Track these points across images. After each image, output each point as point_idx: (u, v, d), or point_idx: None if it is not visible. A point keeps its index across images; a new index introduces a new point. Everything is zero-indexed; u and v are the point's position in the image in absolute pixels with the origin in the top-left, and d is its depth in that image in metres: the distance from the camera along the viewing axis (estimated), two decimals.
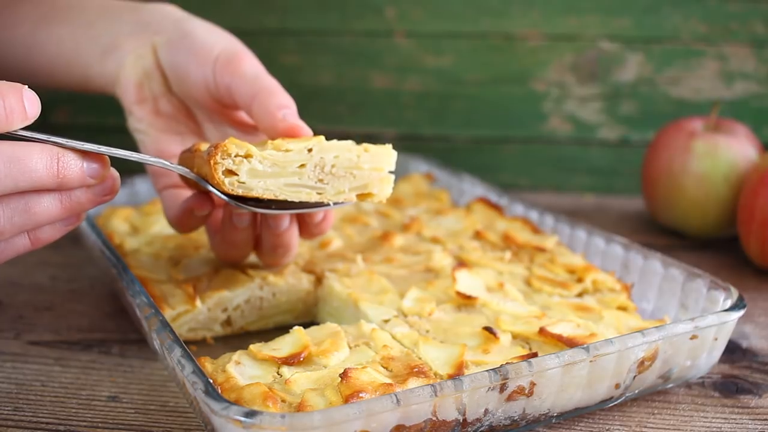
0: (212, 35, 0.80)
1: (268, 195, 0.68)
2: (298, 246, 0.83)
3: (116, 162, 0.67)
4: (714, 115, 1.12)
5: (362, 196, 0.71)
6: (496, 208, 1.04)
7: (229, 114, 0.83)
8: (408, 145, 1.35)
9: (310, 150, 0.69)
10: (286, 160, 0.68)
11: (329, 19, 1.32)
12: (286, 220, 0.78)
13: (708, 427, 0.71)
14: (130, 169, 1.19)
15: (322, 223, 0.81)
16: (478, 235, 0.96)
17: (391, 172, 0.72)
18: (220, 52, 0.78)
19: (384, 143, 0.72)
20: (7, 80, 0.58)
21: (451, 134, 1.37)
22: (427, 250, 0.92)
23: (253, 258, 0.88)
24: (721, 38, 1.28)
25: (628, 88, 1.32)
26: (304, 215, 0.79)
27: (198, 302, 0.81)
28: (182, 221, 0.80)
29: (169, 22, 0.82)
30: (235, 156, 0.67)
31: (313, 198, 0.70)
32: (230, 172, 0.67)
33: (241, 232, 0.79)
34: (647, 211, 1.20)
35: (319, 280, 0.86)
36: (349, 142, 0.70)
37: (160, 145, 0.82)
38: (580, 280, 0.85)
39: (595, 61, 1.31)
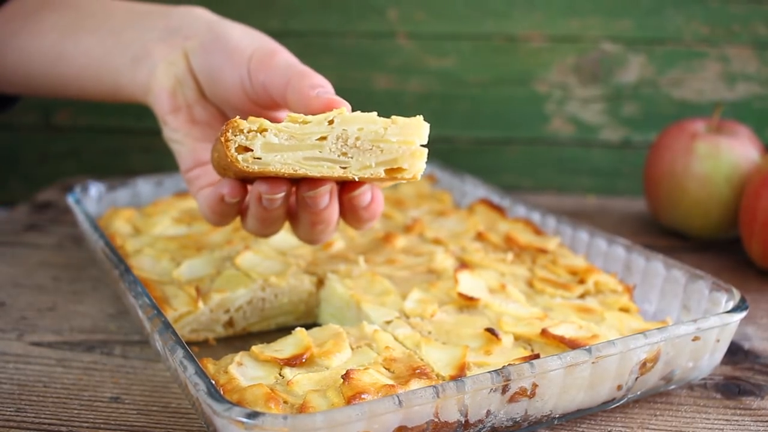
0: (246, 36, 0.78)
1: (286, 170, 0.64)
2: (338, 222, 0.77)
3: (116, 161, 0.66)
4: (716, 116, 1.12)
5: (392, 171, 0.66)
6: (498, 209, 1.04)
7: (267, 116, 0.80)
8: None
9: (330, 122, 0.64)
10: (304, 132, 0.64)
11: (331, 21, 1.32)
12: (324, 199, 0.73)
13: (710, 428, 0.71)
14: (132, 170, 1.19)
15: (372, 206, 0.75)
16: (480, 237, 0.96)
17: (423, 146, 0.66)
18: (254, 51, 0.76)
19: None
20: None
21: (453, 135, 1.37)
22: (429, 251, 0.92)
23: (253, 258, 0.88)
24: (723, 40, 1.28)
25: (630, 89, 1.32)
26: (351, 198, 0.74)
27: (200, 303, 0.81)
28: (214, 209, 0.75)
29: (200, 26, 0.79)
30: (248, 131, 0.63)
31: (336, 172, 0.65)
32: (245, 149, 0.64)
33: (273, 212, 0.74)
34: (649, 212, 1.20)
35: (321, 281, 0.86)
36: (374, 114, 0.65)
37: (197, 154, 0.79)
38: (582, 282, 0.85)
39: (598, 62, 1.31)
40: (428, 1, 1.31)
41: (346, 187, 0.73)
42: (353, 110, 0.68)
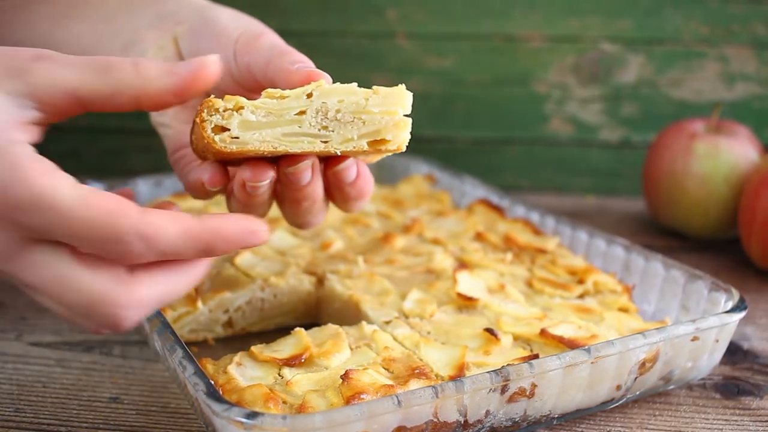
0: (234, 20, 0.76)
1: (266, 148, 0.62)
2: (326, 204, 0.75)
3: (115, 161, 0.66)
4: (715, 116, 1.12)
5: (375, 143, 0.64)
6: (497, 209, 1.04)
7: (252, 98, 0.79)
8: (409, 146, 1.35)
9: (309, 95, 0.62)
10: (282, 108, 0.62)
11: (331, 21, 1.32)
12: (306, 174, 0.70)
13: (709, 428, 0.71)
14: (131, 170, 1.20)
15: (358, 182, 0.73)
16: (479, 237, 0.96)
17: (407, 116, 0.64)
18: (240, 34, 0.74)
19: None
20: None
21: (452, 135, 1.37)
22: (428, 251, 0.92)
23: (252, 258, 0.88)
24: (722, 40, 1.28)
25: (629, 89, 1.32)
26: (335, 173, 0.71)
27: (199, 303, 0.81)
28: (197, 194, 0.74)
29: (191, 11, 0.78)
30: (224, 110, 0.61)
31: (318, 147, 0.63)
32: (221, 129, 0.61)
33: (257, 198, 0.73)
34: (648, 212, 1.20)
35: (320, 281, 0.86)
36: (355, 84, 0.64)
37: (184, 137, 0.77)
38: (581, 282, 0.85)
39: (597, 62, 1.31)
40: (427, 2, 1.31)
41: (329, 162, 0.72)
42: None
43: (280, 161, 0.71)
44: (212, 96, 0.62)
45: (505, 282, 0.84)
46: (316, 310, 0.87)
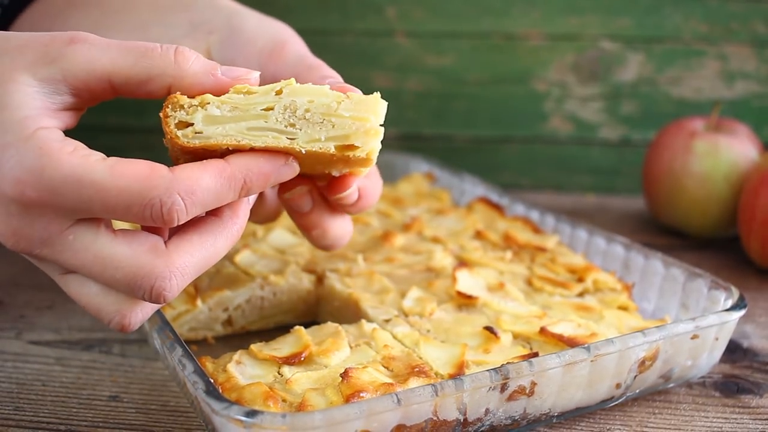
0: (259, 28, 0.76)
1: (228, 141, 0.60)
2: (343, 227, 0.75)
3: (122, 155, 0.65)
4: (715, 114, 1.12)
5: (343, 148, 0.62)
6: (496, 207, 1.04)
7: None
8: (409, 144, 1.36)
9: (278, 92, 0.61)
10: (248, 103, 0.61)
11: (330, 19, 1.32)
12: (305, 201, 0.72)
13: (709, 426, 0.71)
14: None
15: (359, 203, 0.73)
16: (478, 235, 0.96)
17: (381, 125, 0.63)
18: (264, 44, 0.74)
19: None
20: None
21: (451, 134, 1.37)
22: (427, 249, 0.92)
23: (252, 257, 0.88)
24: (722, 38, 1.28)
25: (628, 87, 1.32)
26: (337, 199, 0.71)
27: (199, 302, 0.81)
28: None
29: (220, 18, 0.78)
30: (189, 106, 0.60)
31: (282, 143, 0.61)
32: (186, 125, 0.60)
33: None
34: (648, 210, 1.20)
35: (320, 279, 0.86)
36: (326, 87, 0.62)
37: None
38: (580, 280, 0.85)
39: (596, 60, 1.31)
40: (427, 0, 1.31)
41: (331, 188, 0.72)
42: None
43: (279, 189, 0.71)
44: (178, 93, 0.61)
45: (505, 280, 0.84)
46: (316, 309, 0.87)
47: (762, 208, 0.98)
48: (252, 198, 0.64)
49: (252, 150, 0.60)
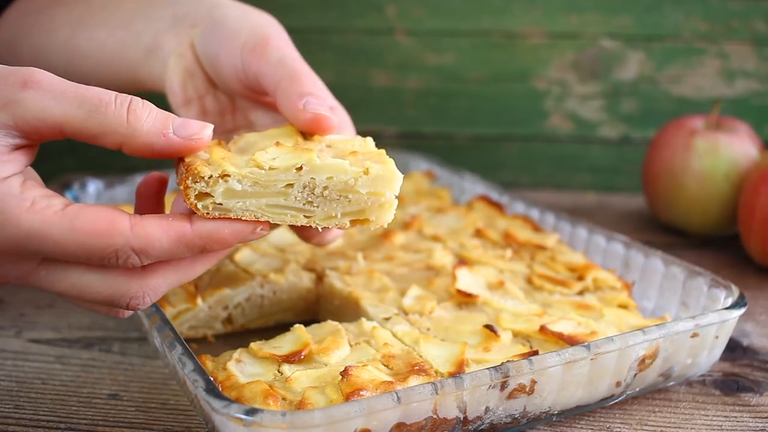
0: (241, 20, 0.76)
1: (247, 216, 0.61)
2: (339, 232, 0.77)
3: (115, 158, 0.65)
4: (715, 113, 1.12)
5: (356, 222, 0.63)
6: (496, 206, 1.04)
7: (270, 102, 0.79)
8: (409, 143, 1.35)
9: (299, 169, 0.61)
10: (269, 180, 0.61)
11: (330, 17, 1.32)
12: (312, 231, 0.72)
13: (709, 425, 0.71)
14: (130, 167, 1.19)
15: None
16: (478, 233, 0.96)
17: (395, 197, 0.64)
18: (246, 38, 0.74)
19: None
20: None
21: (451, 132, 1.37)
22: (427, 248, 0.92)
23: (251, 255, 0.88)
24: (722, 36, 1.28)
25: (629, 86, 1.32)
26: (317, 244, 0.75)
27: (199, 300, 0.81)
28: None
29: (203, 12, 0.78)
30: (209, 178, 0.60)
31: (300, 222, 0.62)
32: (205, 195, 0.61)
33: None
34: (648, 209, 1.20)
35: (320, 278, 0.86)
36: (346, 163, 0.62)
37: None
38: (580, 278, 0.85)
39: (596, 59, 1.31)
40: None
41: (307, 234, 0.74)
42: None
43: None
44: (198, 162, 0.61)
45: (505, 278, 0.84)
46: (316, 307, 0.87)
47: (762, 207, 0.98)
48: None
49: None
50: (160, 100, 0.82)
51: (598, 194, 1.34)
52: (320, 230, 0.66)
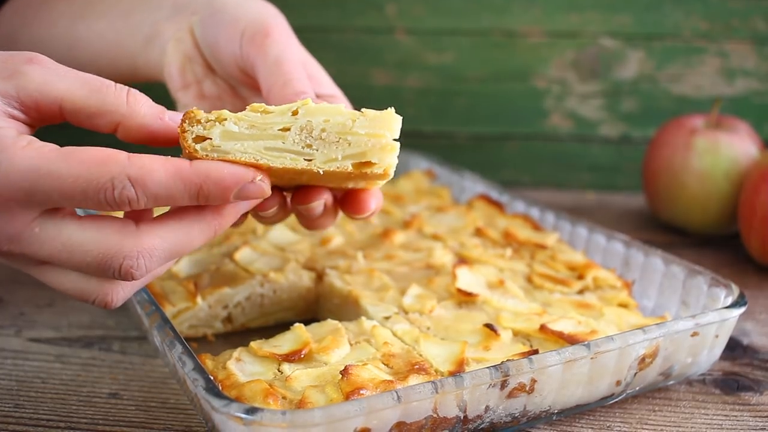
0: (241, 8, 0.76)
1: (247, 159, 0.60)
2: (337, 214, 0.76)
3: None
4: (715, 112, 1.12)
5: (360, 165, 0.62)
6: (496, 205, 1.04)
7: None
8: (409, 142, 1.35)
9: (294, 112, 0.61)
10: (265, 122, 0.61)
11: (330, 16, 1.32)
12: (318, 210, 0.72)
13: (709, 424, 0.71)
14: None
15: (370, 215, 0.74)
16: (478, 232, 0.96)
17: (396, 140, 0.63)
18: (246, 25, 0.74)
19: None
20: None
21: (451, 131, 1.37)
22: (427, 247, 0.92)
23: (251, 254, 0.88)
24: (722, 35, 1.28)
25: (629, 85, 1.32)
26: (351, 195, 0.72)
27: (199, 299, 0.81)
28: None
29: (204, 0, 0.79)
30: (206, 121, 0.60)
31: (300, 165, 0.61)
32: (202, 139, 0.61)
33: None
34: (648, 208, 1.20)
35: (319, 277, 0.86)
36: (341, 105, 0.63)
37: None
38: (581, 277, 0.85)
39: (596, 58, 1.31)
40: None
41: (350, 208, 0.72)
42: (352, 106, 0.66)
43: (292, 196, 0.71)
44: (195, 107, 0.62)
45: (505, 277, 0.84)
46: (316, 306, 0.87)
47: (762, 206, 0.97)
48: (246, 204, 0.64)
49: (238, 162, 0.60)
50: (156, 92, 0.82)
51: (598, 193, 1.34)
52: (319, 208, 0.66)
